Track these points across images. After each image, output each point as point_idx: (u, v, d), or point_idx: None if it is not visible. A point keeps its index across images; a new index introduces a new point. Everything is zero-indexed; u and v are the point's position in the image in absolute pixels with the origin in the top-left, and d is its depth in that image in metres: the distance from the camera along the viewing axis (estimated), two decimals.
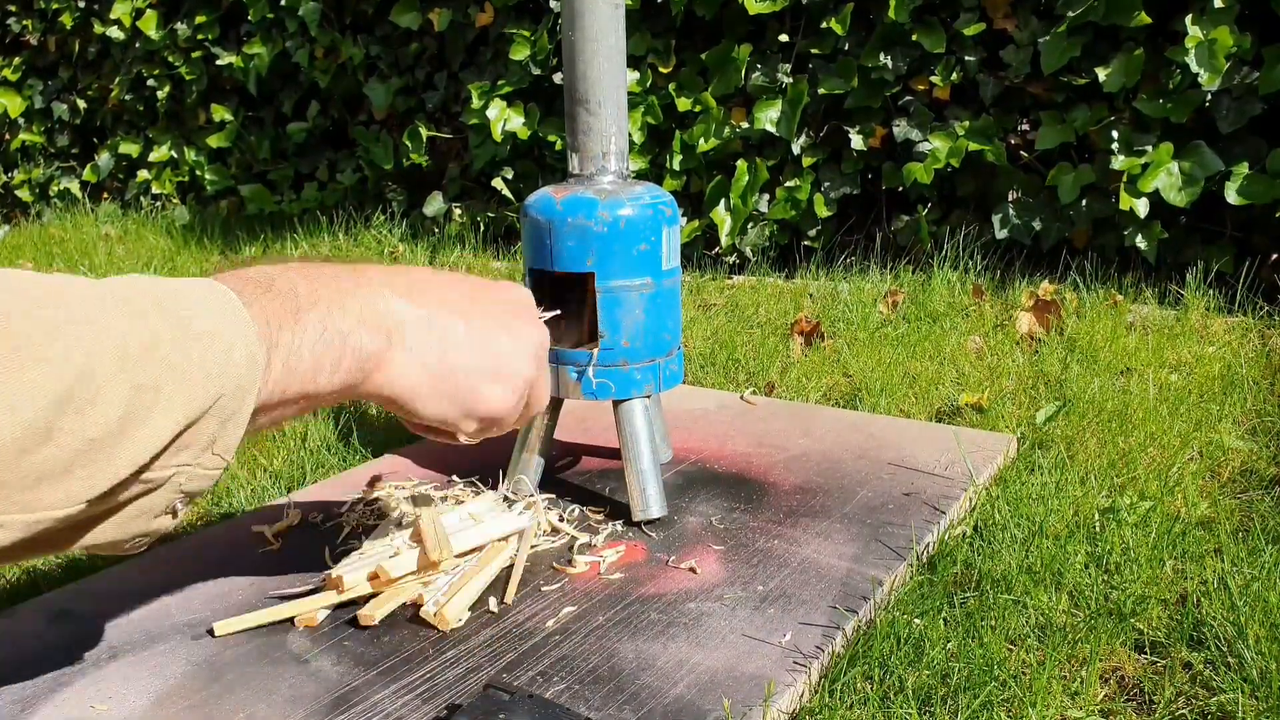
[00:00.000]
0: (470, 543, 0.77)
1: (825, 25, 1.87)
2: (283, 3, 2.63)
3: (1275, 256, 1.58)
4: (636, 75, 2.05)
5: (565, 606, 0.72)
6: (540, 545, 0.81)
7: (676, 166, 2.06)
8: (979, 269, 1.76)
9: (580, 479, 0.96)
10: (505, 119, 2.25)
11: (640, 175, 2.09)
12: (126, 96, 3.21)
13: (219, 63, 2.85)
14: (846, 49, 1.91)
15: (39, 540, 0.46)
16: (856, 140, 1.90)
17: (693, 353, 1.46)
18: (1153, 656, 0.68)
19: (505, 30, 2.25)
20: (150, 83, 3.11)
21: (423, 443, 1.05)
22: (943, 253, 1.79)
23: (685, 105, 2.02)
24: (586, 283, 0.81)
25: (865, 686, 0.63)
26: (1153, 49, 1.62)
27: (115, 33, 3.10)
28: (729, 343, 1.49)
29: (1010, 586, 0.74)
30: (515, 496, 0.87)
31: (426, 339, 0.59)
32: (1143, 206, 1.61)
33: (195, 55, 2.96)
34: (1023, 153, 1.78)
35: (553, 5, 2.16)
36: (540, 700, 0.58)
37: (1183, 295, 1.55)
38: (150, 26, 2.99)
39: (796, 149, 1.96)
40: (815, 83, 1.92)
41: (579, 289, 0.83)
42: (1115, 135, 1.64)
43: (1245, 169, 1.54)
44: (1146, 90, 1.63)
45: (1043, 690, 0.62)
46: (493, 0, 2.30)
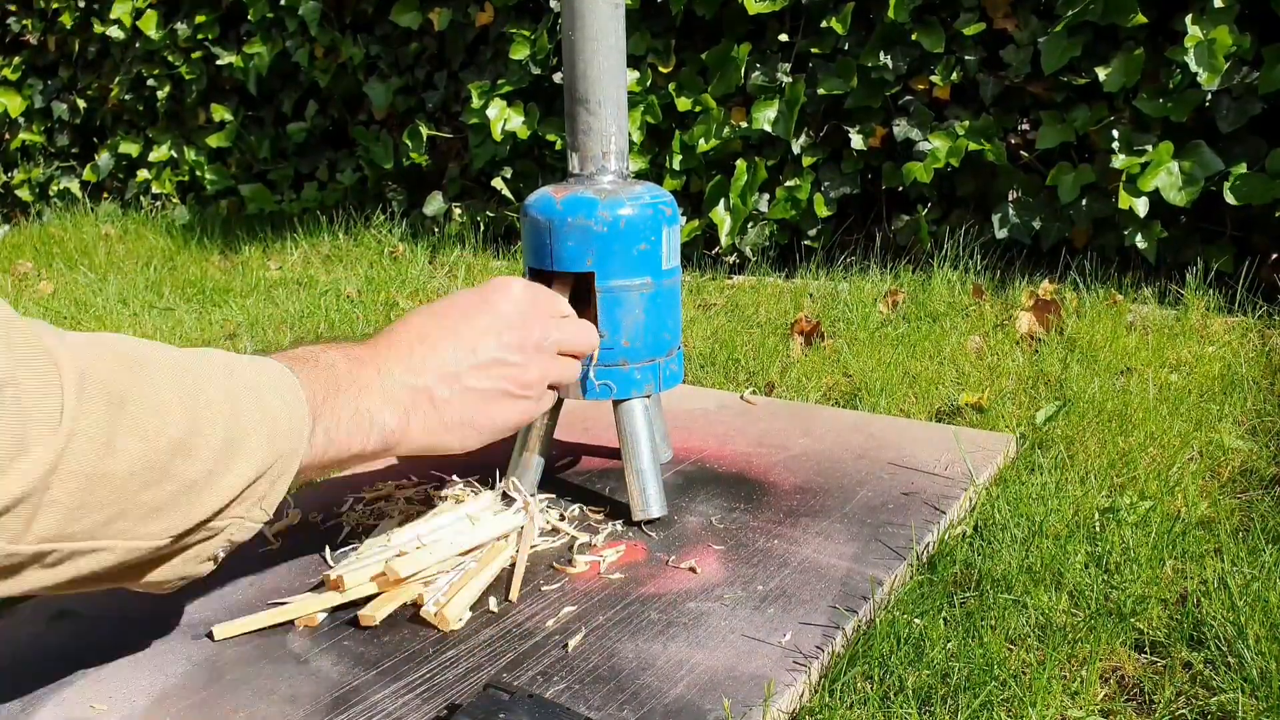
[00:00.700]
0: (470, 543, 0.77)
1: (825, 25, 1.87)
2: (283, 2, 2.63)
3: (1275, 256, 1.58)
4: (636, 75, 2.05)
5: (565, 606, 0.72)
6: (540, 545, 0.81)
7: (676, 166, 2.06)
8: (979, 269, 1.76)
9: (580, 479, 0.96)
10: (505, 118, 2.25)
11: (640, 175, 2.09)
12: (126, 96, 3.21)
13: (219, 62, 2.85)
14: (846, 49, 1.91)
15: (111, 572, 0.52)
16: (856, 140, 1.90)
17: (693, 353, 1.46)
18: (1153, 656, 0.68)
19: (505, 30, 2.25)
20: (150, 82, 3.11)
21: None
22: (943, 252, 1.79)
23: (685, 105, 2.02)
24: (588, 282, 0.81)
25: (865, 686, 0.63)
26: (1153, 49, 1.62)
27: (115, 32, 3.10)
28: (729, 342, 1.49)
29: (1010, 586, 0.74)
30: (514, 496, 0.87)
31: (446, 397, 0.67)
32: (1142, 206, 1.61)
33: (195, 55, 2.95)
34: (1023, 152, 1.78)
35: (553, 5, 2.16)
36: (540, 700, 0.58)
37: (1182, 295, 1.54)
38: (150, 26, 2.98)
39: (796, 149, 1.96)
40: (815, 82, 1.92)
41: (580, 289, 0.83)
42: (1115, 135, 1.64)
43: (1243, 169, 1.54)
44: (1146, 90, 1.63)
45: (1043, 690, 0.62)
46: (493, 0, 2.30)
